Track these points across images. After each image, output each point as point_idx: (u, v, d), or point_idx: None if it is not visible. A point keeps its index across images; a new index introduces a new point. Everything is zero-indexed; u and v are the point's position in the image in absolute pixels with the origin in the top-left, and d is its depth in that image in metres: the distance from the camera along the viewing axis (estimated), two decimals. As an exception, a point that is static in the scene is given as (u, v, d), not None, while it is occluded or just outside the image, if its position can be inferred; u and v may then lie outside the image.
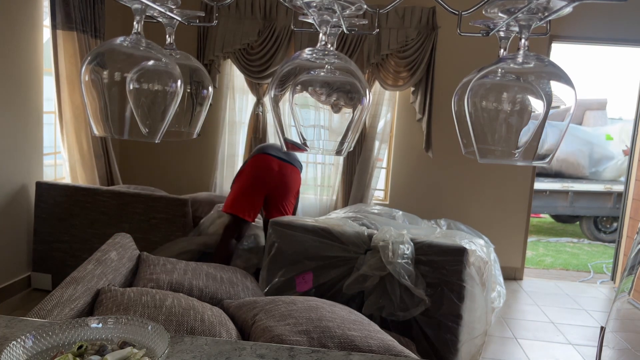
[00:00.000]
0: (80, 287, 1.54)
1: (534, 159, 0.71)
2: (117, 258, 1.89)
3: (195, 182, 4.53)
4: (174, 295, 1.60)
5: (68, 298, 1.44)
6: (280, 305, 1.61)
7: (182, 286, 1.84)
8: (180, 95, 0.77)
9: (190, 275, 1.92)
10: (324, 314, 1.55)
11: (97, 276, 1.66)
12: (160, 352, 0.92)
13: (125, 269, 1.91)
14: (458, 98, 0.73)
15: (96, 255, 1.81)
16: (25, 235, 3.40)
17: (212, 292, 1.89)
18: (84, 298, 1.51)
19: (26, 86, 3.34)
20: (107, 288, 1.59)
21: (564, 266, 5.24)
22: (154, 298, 1.53)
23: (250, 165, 3.01)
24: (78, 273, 1.62)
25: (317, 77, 0.76)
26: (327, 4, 0.70)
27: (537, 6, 0.64)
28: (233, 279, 2.05)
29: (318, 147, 0.81)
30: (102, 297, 1.54)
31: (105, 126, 0.78)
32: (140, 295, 1.53)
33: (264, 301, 1.69)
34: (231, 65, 4.36)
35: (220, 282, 1.96)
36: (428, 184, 4.42)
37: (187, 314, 1.49)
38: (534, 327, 3.46)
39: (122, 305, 1.47)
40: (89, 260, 1.74)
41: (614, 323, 0.63)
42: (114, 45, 0.75)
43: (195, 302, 1.58)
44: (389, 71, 4.15)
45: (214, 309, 1.61)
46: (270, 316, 1.54)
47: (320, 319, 1.51)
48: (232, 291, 1.95)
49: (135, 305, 1.47)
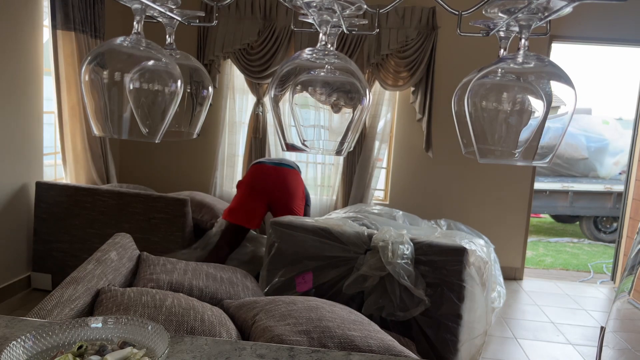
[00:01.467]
0: (80, 287, 1.54)
1: (534, 159, 0.71)
2: (117, 258, 1.89)
3: (195, 182, 4.53)
4: (174, 295, 1.60)
5: (68, 298, 1.44)
6: (280, 305, 1.61)
7: (182, 286, 1.84)
8: (180, 95, 0.77)
9: (190, 275, 1.93)
10: (324, 314, 1.55)
11: (97, 276, 1.66)
12: (160, 352, 0.92)
13: (126, 269, 1.91)
14: (458, 98, 0.73)
15: (96, 255, 1.81)
16: (25, 235, 3.40)
17: (212, 292, 1.89)
18: (84, 298, 1.51)
19: (26, 86, 3.34)
20: (107, 288, 1.59)
21: (564, 266, 5.24)
22: (154, 298, 1.53)
23: (248, 176, 3.09)
24: (78, 273, 1.62)
25: (317, 77, 0.76)
26: (327, 4, 0.70)
27: (537, 6, 0.64)
28: (233, 279, 2.05)
29: (318, 147, 0.81)
30: (102, 297, 1.54)
31: (105, 126, 0.78)
32: (140, 295, 1.54)
33: (264, 301, 1.69)
34: (231, 65, 4.36)
35: (220, 282, 1.96)
36: (428, 184, 4.42)
37: (187, 314, 1.49)
38: (534, 327, 3.46)
39: (122, 305, 1.48)
40: (88, 260, 1.75)
41: (614, 323, 0.63)
42: (114, 45, 0.75)
43: (195, 302, 1.58)
44: (389, 71, 4.15)
45: (214, 309, 1.61)
46: (270, 316, 1.54)
47: (320, 319, 1.51)
48: (232, 291, 1.95)
49: (135, 305, 1.48)
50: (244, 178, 3.13)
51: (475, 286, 2.47)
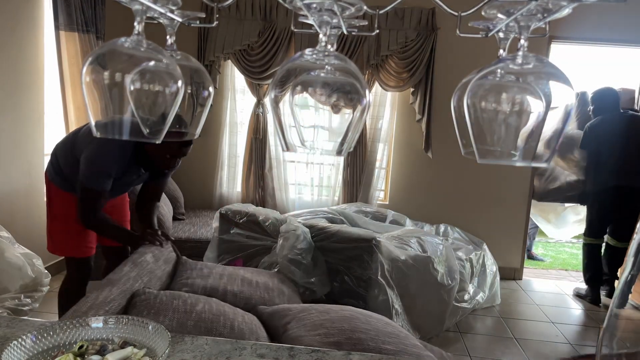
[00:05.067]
0: (116, 289, 1.55)
1: (533, 160, 0.71)
2: (153, 260, 1.90)
3: (197, 182, 4.53)
4: (205, 300, 1.59)
5: (103, 300, 1.45)
6: (312, 314, 1.57)
7: (217, 291, 1.82)
8: (181, 96, 0.77)
9: (225, 280, 1.91)
10: (357, 325, 1.51)
11: (132, 278, 1.67)
12: (161, 352, 0.92)
13: (161, 272, 1.92)
14: (457, 99, 0.73)
15: (132, 257, 1.84)
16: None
17: (246, 297, 1.86)
18: (119, 300, 1.51)
19: (28, 87, 3.34)
20: (142, 290, 1.59)
21: (564, 266, 5.24)
22: (185, 302, 1.52)
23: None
24: (114, 275, 1.64)
25: (317, 78, 0.76)
26: (327, 5, 0.70)
27: (537, 7, 0.64)
28: (269, 284, 2.02)
29: (318, 147, 0.82)
30: (136, 299, 1.54)
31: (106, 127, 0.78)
32: (172, 299, 1.53)
33: (297, 309, 1.66)
34: (231, 66, 4.36)
35: (255, 288, 1.93)
36: (428, 184, 4.43)
37: (216, 320, 1.47)
38: (533, 327, 3.46)
39: (153, 308, 1.47)
40: (125, 262, 1.78)
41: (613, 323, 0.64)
42: (115, 46, 0.75)
43: (226, 308, 1.57)
44: (388, 72, 4.16)
45: (247, 315, 1.60)
46: (302, 325, 1.51)
47: (353, 330, 1.46)
48: (267, 297, 1.92)
49: (165, 309, 1.47)
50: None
51: (382, 278, 2.66)
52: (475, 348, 3.05)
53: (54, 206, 2.39)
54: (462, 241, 3.93)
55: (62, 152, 2.36)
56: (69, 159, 2.29)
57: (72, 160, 2.26)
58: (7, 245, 2.61)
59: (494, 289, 3.79)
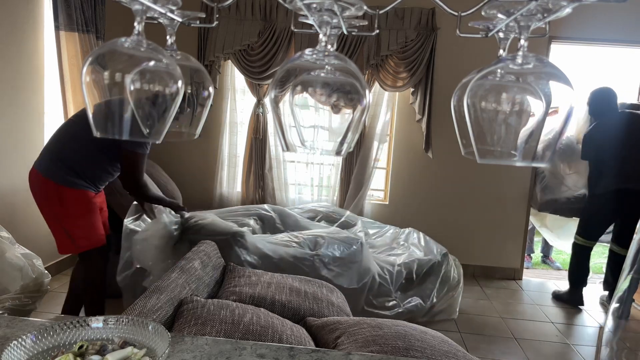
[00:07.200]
0: (164, 296, 1.51)
1: (533, 160, 0.71)
2: (201, 267, 1.87)
3: (197, 182, 4.53)
4: (253, 310, 1.55)
5: (151, 308, 1.42)
6: (364, 329, 1.51)
7: (265, 300, 1.79)
8: (181, 96, 0.77)
9: (273, 288, 1.88)
10: (412, 342, 1.44)
11: (180, 285, 1.63)
12: (161, 352, 0.92)
13: (209, 278, 1.89)
14: (457, 98, 0.73)
15: (180, 263, 1.80)
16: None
17: (295, 307, 1.82)
18: (166, 308, 1.48)
19: (28, 87, 3.34)
20: (190, 298, 1.56)
21: (564, 266, 5.24)
22: (233, 313, 1.49)
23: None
24: (162, 282, 1.60)
25: (317, 78, 0.76)
26: (327, 5, 0.70)
27: (537, 7, 0.64)
28: (318, 294, 1.97)
29: (318, 147, 0.82)
30: (184, 307, 1.51)
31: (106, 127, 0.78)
32: (220, 309, 1.50)
33: (348, 322, 1.60)
34: (232, 66, 4.36)
35: (304, 298, 1.89)
36: (427, 184, 4.43)
37: (264, 333, 1.43)
38: (533, 327, 3.46)
39: (200, 319, 1.44)
40: (172, 269, 1.74)
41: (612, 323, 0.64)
42: (115, 46, 0.75)
43: (275, 320, 1.53)
44: (388, 72, 4.16)
45: (295, 327, 1.56)
46: (353, 341, 1.45)
47: (407, 348, 1.40)
48: (316, 307, 1.87)
49: (212, 320, 1.44)
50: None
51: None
52: (475, 348, 3.05)
53: (70, 207, 2.49)
54: (417, 247, 3.60)
55: (76, 147, 2.48)
56: (89, 147, 2.46)
57: (93, 147, 2.46)
58: (8, 245, 2.61)
59: (450, 300, 3.41)
